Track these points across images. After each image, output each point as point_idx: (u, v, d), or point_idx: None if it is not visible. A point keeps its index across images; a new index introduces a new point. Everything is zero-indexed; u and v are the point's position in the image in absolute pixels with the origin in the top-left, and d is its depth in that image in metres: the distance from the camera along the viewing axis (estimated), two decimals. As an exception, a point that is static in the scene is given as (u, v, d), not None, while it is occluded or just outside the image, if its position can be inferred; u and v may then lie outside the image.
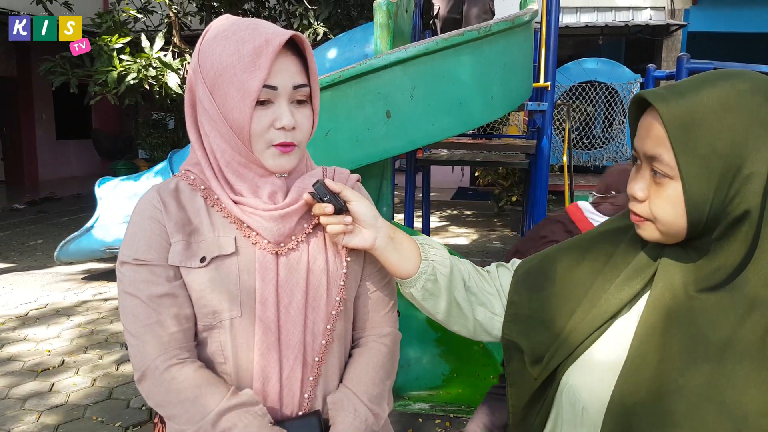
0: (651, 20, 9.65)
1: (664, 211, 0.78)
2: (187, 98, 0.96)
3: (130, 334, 0.92)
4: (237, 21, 0.92)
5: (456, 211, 9.89)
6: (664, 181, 0.78)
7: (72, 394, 3.32)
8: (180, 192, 0.96)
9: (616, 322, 0.87)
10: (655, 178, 0.79)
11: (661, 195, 0.78)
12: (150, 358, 0.91)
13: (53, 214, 8.97)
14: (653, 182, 0.80)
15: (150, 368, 0.91)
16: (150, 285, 0.91)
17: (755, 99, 0.73)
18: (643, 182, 0.81)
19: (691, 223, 0.77)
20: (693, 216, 0.76)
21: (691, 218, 0.76)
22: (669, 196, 0.77)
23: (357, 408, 0.98)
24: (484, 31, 2.53)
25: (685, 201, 0.76)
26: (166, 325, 0.91)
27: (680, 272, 0.80)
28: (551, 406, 0.93)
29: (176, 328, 0.92)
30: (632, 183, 0.83)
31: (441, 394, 3.24)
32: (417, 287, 0.99)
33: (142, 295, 0.91)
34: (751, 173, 0.72)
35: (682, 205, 0.76)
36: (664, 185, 0.78)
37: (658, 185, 0.79)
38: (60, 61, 5.85)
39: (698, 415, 0.73)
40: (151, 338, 0.91)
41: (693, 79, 0.80)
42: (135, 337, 0.92)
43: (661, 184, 0.78)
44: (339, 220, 0.95)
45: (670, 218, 0.78)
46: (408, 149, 2.66)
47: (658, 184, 0.79)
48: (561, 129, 6.79)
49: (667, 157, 0.76)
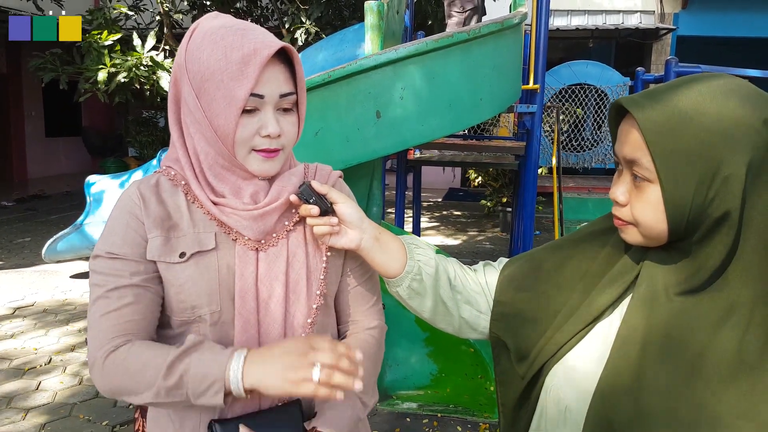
0: (641, 24, 9.72)
1: (645, 215, 0.79)
2: (171, 93, 0.96)
3: (89, 323, 0.93)
4: (226, 23, 0.91)
5: (447, 211, 9.92)
6: (644, 185, 0.78)
7: (59, 392, 3.31)
8: (161, 188, 0.97)
9: (600, 323, 0.88)
10: (635, 182, 0.80)
11: (642, 199, 0.79)
12: (96, 347, 0.91)
13: (42, 211, 8.90)
14: (634, 186, 0.80)
15: (96, 357, 0.90)
16: (116, 278, 0.91)
17: (730, 101, 0.74)
18: (624, 186, 0.82)
19: (671, 226, 0.78)
20: (673, 219, 0.77)
21: (671, 221, 0.77)
22: (649, 199, 0.78)
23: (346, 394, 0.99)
24: (473, 33, 2.55)
25: (664, 204, 0.77)
26: (122, 315, 0.91)
27: (662, 275, 0.81)
28: (536, 404, 0.94)
29: (130, 318, 0.91)
30: (614, 187, 0.84)
31: (429, 393, 3.25)
32: (403, 286, 1.00)
33: (106, 287, 0.92)
34: (728, 175, 0.73)
35: (663, 208, 0.77)
36: (645, 189, 0.78)
37: (638, 189, 0.80)
38: (50, 57, 5.81)
39: (677, 415, 0.74)
40: (103, 328, 0.91)
41: (669, 83, 0.81)
42: (90, 327, 0.92)
43: (641, 188, 0.79)
44: (325, 222, 0.96)
45: (651, 222, 0.79)
46: (397, 149, 2.68)
47: (638, 189, 0.80)
48: (550, 131, 6.83)
49: (646, 162, 0.77)
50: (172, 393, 0.86)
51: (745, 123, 0.73)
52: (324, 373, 0.82)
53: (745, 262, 0.74)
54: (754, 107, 0.74)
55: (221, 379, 0.84)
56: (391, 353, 3.32)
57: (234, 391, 0.84)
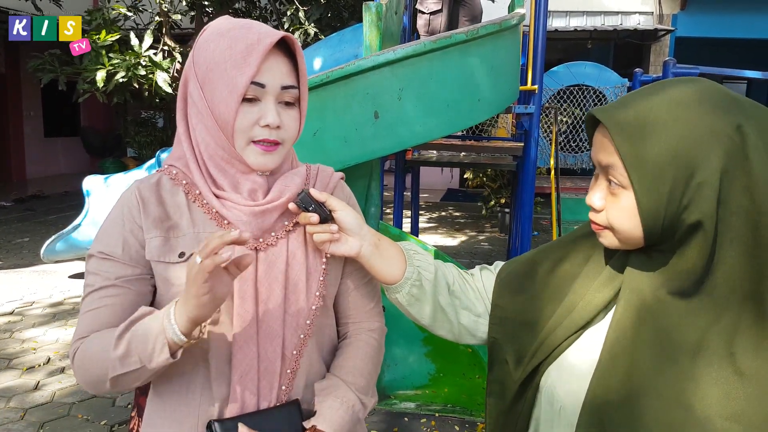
0: (639, 25, 9.73)
1: (620, 221, 0.80)
2: (180, 91, 0.97)
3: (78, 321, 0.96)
4: (235, 21, 0.93)
5: (445, 212, 9.92)
6: (619, 191, 0.79)
7: (57, 392, 3.31)
8: (161, 187, 0.97)
9: (593, 325, 0.88)
10: (610, 188, 0.80)
11: (617, 205, 0.79)
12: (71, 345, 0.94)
13: (40, 211, 8.90)
14: (609, 192, 0.81)
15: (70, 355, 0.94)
16: (102, 278, 0.93)
17: (702, 107, 0.74)
18: (600, 192, 0.82)
19: (646, 232, 0.78)
20: (647, 225, 0.77)
21: (646, 227, 0.77)
22: (624, 206, 0.78)
23: (345, 395, 0.99)
24: (471, 34, 2.56)
25: (638, 211, 0.77)
26: (97, 315, 0.92)
27: (647, 277, 0.81)
28: (532, 406, 0.95)
29: (104, 320, 0.92)
30: (590, 193, 0.84)
31: (427, 393, 3.25)
32: (403, 293, 1.00)
33: (93, 287, 0.93)
34: (702, 181, 0.73)
35: (637, 214, 0.77)
36: (619, 195, 0.79)
37: (613, 195, 0.80)
38: (48, 58, 5.81)
39: (667, 416, 0.74)
40: (79, 327, 0.94)
41: (641, 90, 0.81)
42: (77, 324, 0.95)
43: (615, 194, 0.79)
44: (324, 229, 0.96)
45: (626, 227, 0.79)
46: (396, 150, 2.68)
47: (613, 194, 0.80)
48: (548, 132, 6.84)
49: (620, 168, 0.77)
50: (125, 362, 0.86)
51: (718, 129, 0.72)
52: (201, 254, 0.79)
53: (729, 266, 0.73)
54: (726, 113, 0.73)
55: (161, 333, 0.84)
56: (390, 353, 3.32)
57: (175, 340, 0.84)
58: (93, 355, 0.90)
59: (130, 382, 0.90)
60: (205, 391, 0.95)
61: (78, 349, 0.92)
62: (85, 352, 0.91)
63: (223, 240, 0.79)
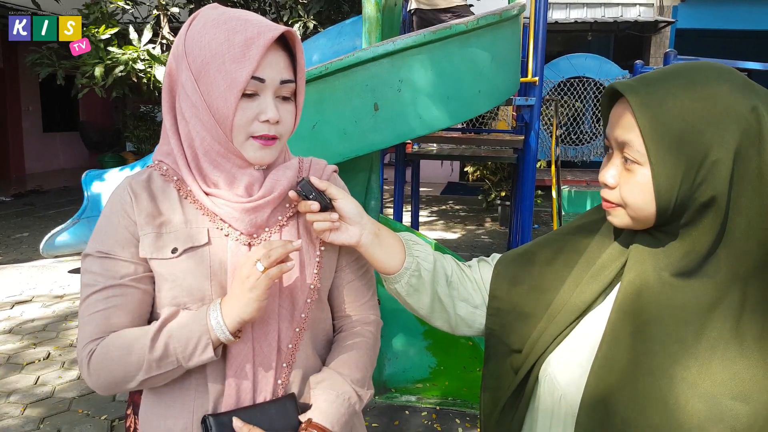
0: (640, 17, 9.70)
1: (633, 196, 0.80)
2: (166, 84, 0.95)
3: (78, 322, 0.95)
4: (227, 10, 0.91)
5: (445, 205, 9.91)
6: (634, 167, 0.80)
7: (58, 387, 3.31)
8: (153, 183, 0.96)
9: (591, 311, 0.89)
10: (625, 164, 0.81)
11: (631, 181, 0.80)
12: (81, 347, 0.93)
13: (39, 206, 8.89)
14: (624, 169, 0.82)
15: (81, 357, 0.92)
16: (106, 278, 0.92)
17: (721, 88, 0.76)
18: (614, 169, 0.83)
19: (659, 208, 0.79)
20: (661, 201, 0.78)
21: (659, 203, 0.78)
22: (639, 181, 0.79)
23: (341, 387, 0.99)
24: (471, 25, 2.53)
25: (654, 186, 0.78)
26: (108, 315, 0.92)
27: (651, 258, 0.82)
28: (530, 398, 0.95)
29: (116, 320, 0.92)
30: (603, 171, 0.85)
31: (428, 386, 3.25)
32: (402, 283, 1.00)
33: (96, 287, 0.92)
34: (716, 160, 0.74)
35: (652, 190, 0.78)
36: (634, 171, 0.80)
37: (628, 171, 0.81)
38: (46, 52, 5.78)
39: (671, 396, 0.75)
40: (88, 328, 0.92)
41: (664, 69, 0.83)
42: (79, 327, 0.94)
43: (631, 170, 0.80)
44: (325, 218, 0.96)
45: (639, 203, 0.80)
46: (395, 142, 2.67)
47: (628, 171, 0.81)
48: (549, 124, 6.82)
49: (637, 144, 0.78)
50: (163, 363, 0.88)
51: (735, 109, 0.74)
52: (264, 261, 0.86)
53: (735, 247, 0.75)
54: (743, 94, 0.75)
55: (206, 333, 0.88)
56: (390, 346, 3.32)
57: (222, 338, 0.88)
58: (117, 357, 0.89)
59: (158, 381, 0.92)
60: (200, 386, 0.95)
61: (94, 352, 0.91)
62: (106, 354, 0.90)
63: (286, 249, 0.88)
